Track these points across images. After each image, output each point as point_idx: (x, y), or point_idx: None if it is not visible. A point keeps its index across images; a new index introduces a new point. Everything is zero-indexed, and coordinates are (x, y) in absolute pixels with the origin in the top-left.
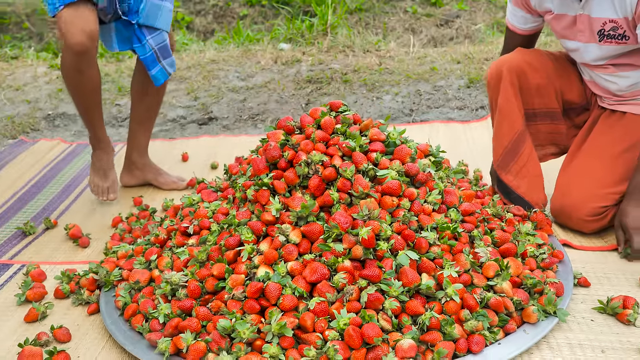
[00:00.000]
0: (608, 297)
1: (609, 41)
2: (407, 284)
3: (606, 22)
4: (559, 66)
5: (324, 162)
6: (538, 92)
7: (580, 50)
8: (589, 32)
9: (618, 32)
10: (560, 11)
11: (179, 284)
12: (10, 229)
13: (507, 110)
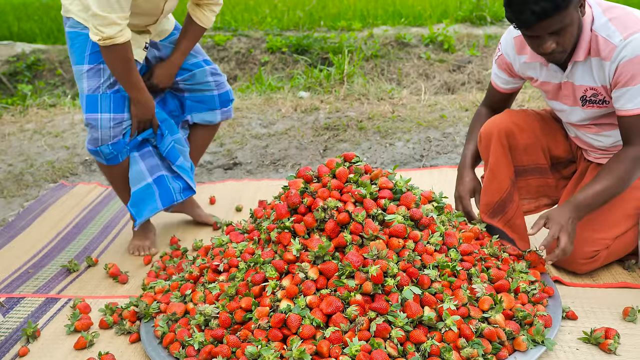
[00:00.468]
0: (592, 329)
1: (590, 106)
2: (411, 316)
3: (587, 89)
4: (545, 125)
5: (338, 207)
6: (526, 150)
7: (566, 112)
8: (573, 98)
9: (598, 98)
10: (545, 79)
11: (212, 315)
12: (55, 266)
13: (496, 171)
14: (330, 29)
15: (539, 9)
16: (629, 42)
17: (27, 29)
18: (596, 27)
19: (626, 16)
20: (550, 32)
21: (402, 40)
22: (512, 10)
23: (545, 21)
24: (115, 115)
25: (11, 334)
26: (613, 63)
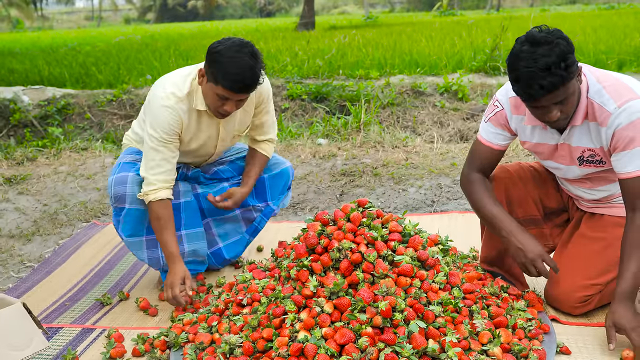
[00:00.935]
0: None
1: (588, 165)
2: (416, 347)
3: (585, 150)
4: (537, 177)
5: (352, 248)
6: (519, 204)
7: (562, 170)
8: (570, 158)
9: (595, 159)
10: (540, 141)
11: (236, 344)
12: (90, 299)
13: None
14: (349, 77)
15: (547, 83)
16: (623, 109)
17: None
18: (591, 95)
19: (618, 85)
20: (556, 102)
21: (417, 89)
22: (520, 85)
23: (552, 94)
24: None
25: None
26: (609, 129)
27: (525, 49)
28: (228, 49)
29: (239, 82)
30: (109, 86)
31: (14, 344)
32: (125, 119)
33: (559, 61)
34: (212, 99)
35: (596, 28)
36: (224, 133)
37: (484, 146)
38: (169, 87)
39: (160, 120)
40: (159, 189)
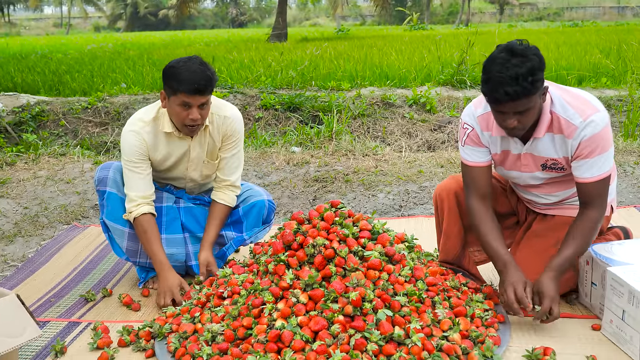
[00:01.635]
0: (532, 347)
1: (550, 171)
2: (384, 333)
3: (548, 160)
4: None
5: (325, 245)
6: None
7: (524, 177)
8: (533, 165)
9: (558, 166)
10: (505, 149)
11: (218, 332)
12: (75, 296)
13: (449, 233)
14: (321, 89)
15: (512, 91)
16: (587, 123)
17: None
18: (556, 109)
19: (580, 100)
20: (516, 111)
21: (387, 101)
22: (489, 87)
23: (515, 102)
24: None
25: (40, 351)
26: (575, 140)
27: (502, 56)
28: (178, 62)
29: (193, 82)
30: (83, 94)
31: (9, 332)
32: (100, 126)
33: (527, 74)
34: (177, 113)
35: (559, 44)
36: (193, 154)
37: (472, 168)
38: (137, 115)
39: (126, 145)
40: (140, 204)
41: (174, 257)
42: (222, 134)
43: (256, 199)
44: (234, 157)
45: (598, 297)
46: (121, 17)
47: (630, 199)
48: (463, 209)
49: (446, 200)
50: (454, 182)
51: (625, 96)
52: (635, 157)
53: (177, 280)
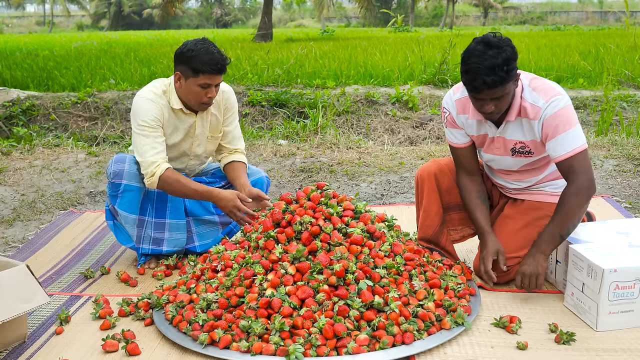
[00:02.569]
0: (500, 316)
1: (518, 155)
2: (365, 301)
3: (517, 142)
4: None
5: (312, 222)
6: (447, 192)
7: (496, 160)
8: (504, 149)
9: (525, 150)
10: (482, 133)
11: (212, 300)
12: (74, 273)
13: (429, 211)
14: (307, 86)
15: (490, 81)
16: (549, 103)
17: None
18: (525, 96)
19: (545, 85)
20: (493, 98)
21: (371, 98)
22: (468, 78)
23: (492, 90)
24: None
25: (45, 320)
26: (540, 121)
27: (479, 48)
28: (194, 44)
29: (215, 63)
30: (72, 89)
31: (21, 297)
32: (90, 120)
33: (502, 64)
34: (195, 93)
35: (540, 47)
36: (199, 130)
37: (455, 148)
38: (147, 88)
39: (143, 110)
40: (159, 164)
41: (176, 241)
42: (223, 108)
43: (258, 176)
44: (237, 128)
45: (562, 273)
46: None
47: (598, 190)
48: (442, 189)
49: (427, 181)
50: (434, 164)
51: (600, 96)
52: (604, 152)
53: (234, 194)
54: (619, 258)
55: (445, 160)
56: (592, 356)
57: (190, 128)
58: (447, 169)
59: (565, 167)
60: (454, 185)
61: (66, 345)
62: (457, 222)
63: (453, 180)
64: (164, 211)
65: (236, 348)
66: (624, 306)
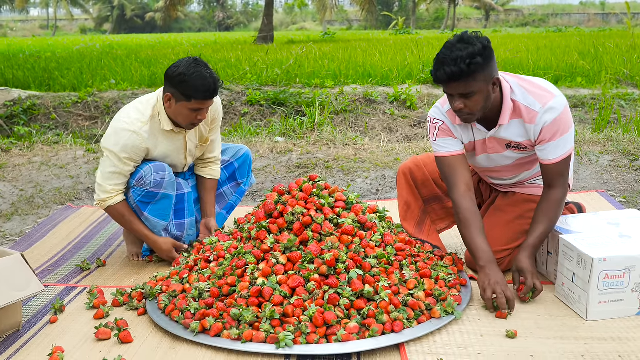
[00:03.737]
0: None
1: (513, 149)
2: (355, 290)
3: (512, 142)
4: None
5: (303, 213)
6: (423, 184)
7: (490, 158)
8: (498, 146)
9: (521, 146)
10: (470, 139)
11: (204, 289)
12: (71, 266)
13: (409, 202)
14: (305, 86)
15: (449, 71)
16: (547, 109)
17: (20, 77)
18: (516, 97)
19: (537, 87)
20: (460, 93)
21: (369, 97)
22: (433, 67)
23: (454, 83)
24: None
25: (41, 309)
26: (537, 126)
27: (451, 41)
28: (187, 67)
29: (207, 90)
30: (72, 89)
31: (16, 285)
32: (90, 120)
33: (465, 57)
34: (186, 115)
35: (539, 47)
36: (190, 144)
37: (447, 158)
38: (132, 113)
39: (122, 143)
40: (115, 195)
41: (191, 237)
42: (211, 119)
43: (243, 152)
44: (219, 135)
45: (553, 264)
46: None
47: (593, 185)
48: (418, 182)
49: (402, 176)
50: (411, 161)
51: (598, 95)
52: (600, 147)
53: (168, 244)
54: (608, 248)
55: (423, 156)
56: (582, 345)
57: (181, 145)
58: (422, 164)
59: (551, 170)
60: (428, 178)
61: (60, 333)
62: (440, 212)
63: (427, 174)
64: (183, 212)
65: (227, 336)
66: (613, 295)
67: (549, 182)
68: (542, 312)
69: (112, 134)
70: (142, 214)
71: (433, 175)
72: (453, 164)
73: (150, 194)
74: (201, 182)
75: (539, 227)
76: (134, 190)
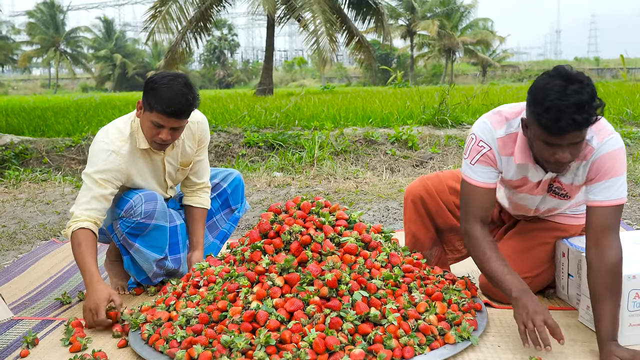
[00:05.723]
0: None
1: (553, 195)
2: (359, 313)
3: (555, 180)
4: (454, 188)
5: (302, 232)
6: (438, 214)
7: (526, 199)
8: (542, 189)
9: (561, 192)
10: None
11: (192, 315)
12: (50, 300)
13: (417, 236)
14: (304, 128)
15: (580, 119)
16: (604, 142)
17: (14, 123)
18: None
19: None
20: (572, 143)
21: (370, 138)
22: (550, 117)
23: (579, 131)
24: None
25: (12, 343)
26: (588, 162)
27: (557, 82)
28: (162, 77)
29: (170, 105)
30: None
31: None
32: (83, 163)
33: (590, 100)
34: (148, 128)
35: None
36: (169, 167)
37: (478, 189)
38: (112, 131)
39: (101, 163)
40: (82, 220)
41: (186, 270)
42: (197, 140)
43: (234, 176)
44: (206, 159)
45: (575, 287)
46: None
47: None
48: (432, 213)
49: (412, 206)
50: (421, 186)
51: None
52: None
53: (105, 293)
54: (637, 265)
55: (433, 179)
56: None
57: (159, 166)
58: (434, 191)
59: (601, 218)
60: (442, 208)
61: None
62: (457, 243)
63: (441, 203)
64: (177, 246)
65: None
66: None
67: (595, 239)
68: (566, 339)
69: (90, 157)
70: (131, 247)
71: (448, 204)
72: (481, 197)
73: (140, 226)
74: (189, 211)
75: (604, 308)
76: (122, 222)
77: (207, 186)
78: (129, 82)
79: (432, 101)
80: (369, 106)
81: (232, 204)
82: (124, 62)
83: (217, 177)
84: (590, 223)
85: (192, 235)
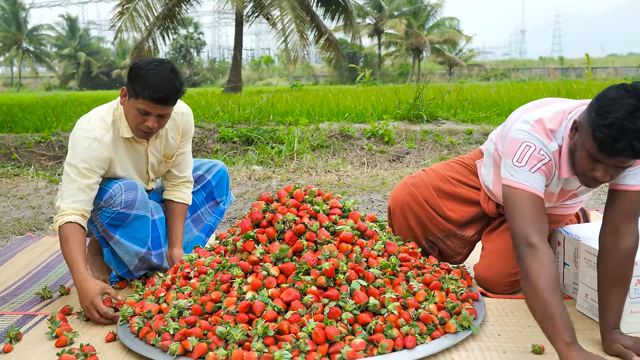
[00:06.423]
0: None
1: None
2: (359, 302)
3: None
4: (441, 192)
5: (296, 220)
6: (432, 223)
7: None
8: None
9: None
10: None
11: (185, 307)
12: (30, 294)
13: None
14: (279, 123)
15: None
16: None
17: None
18: None
19: None
20: (618, 166)
21: (346, 133)
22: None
23: (629, 158)
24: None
25: None
26: None
27: (631, 102)
28: (148, 63)
29: (158, 92)
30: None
31: None
32: (54, 159)
33: None
34: (134, 116)
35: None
36: (152, 158)
37: (538, 198)
38: (94, 119)
39: (82, 151)
40: (69, 214)
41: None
42: (181, 131)
43: (218, 167)
44: (189, 152)
45: (571, 276)
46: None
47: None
48: (425, 222)
49: (402, 217)
50: (406, 192)
51: None
52: None
53: (97, 288)
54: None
55: (417, 183)
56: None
57: (142, 156)
58: (421, 198)
59: (629, 203)
60: (433, 216)
61: None
62: (457, 246)
63: (431, 211)
64: (158, 240)
65: (213, 357)
66: None
67: (616, 227)
68: None
69: (71, 147)
70: (111, 239)
71: (438, 209)
72: (542, 207)
73: (120, 216)
74: (169, 206)
75: (611, 298)
76: (102, 212)
77: (190, 180)
78: (94, 81)
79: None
80: (342, 102)
81: (217, 197)
82: (88, 60)
83: (201, 168)
84: (614, 208)
85: (172, 232)
